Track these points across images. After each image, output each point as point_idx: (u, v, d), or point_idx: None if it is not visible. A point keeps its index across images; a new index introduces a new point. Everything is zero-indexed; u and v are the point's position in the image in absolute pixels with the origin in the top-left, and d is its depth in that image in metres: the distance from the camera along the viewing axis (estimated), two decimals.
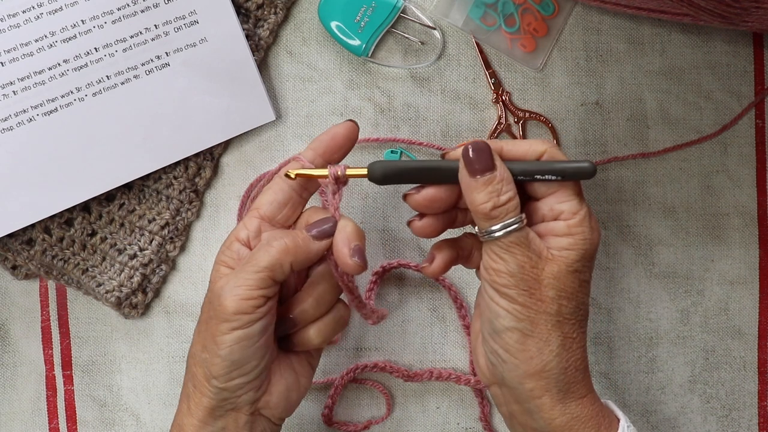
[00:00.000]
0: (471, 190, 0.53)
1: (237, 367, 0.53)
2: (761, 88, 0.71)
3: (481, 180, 0.53)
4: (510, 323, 0.53)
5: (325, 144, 0.57)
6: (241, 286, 0.52)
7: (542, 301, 0.53)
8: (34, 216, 0.66)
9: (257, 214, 0.56)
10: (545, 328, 0.53)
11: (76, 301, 0.70)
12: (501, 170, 0.53)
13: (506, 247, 0.53)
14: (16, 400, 0.70)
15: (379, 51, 0.69)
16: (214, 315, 0.53)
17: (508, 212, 0.53)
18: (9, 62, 0.64)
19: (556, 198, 0.55)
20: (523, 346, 0.53)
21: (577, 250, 0.54)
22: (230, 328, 0.52)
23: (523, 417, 0.55)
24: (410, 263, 0.69)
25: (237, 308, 0.52)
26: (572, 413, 0.54)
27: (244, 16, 0.68)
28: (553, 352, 0.53)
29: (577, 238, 0.54)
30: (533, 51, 0.70)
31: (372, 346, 0.71)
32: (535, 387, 0.53)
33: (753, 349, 0.72)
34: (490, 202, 0.52)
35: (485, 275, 0.54)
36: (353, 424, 0.70)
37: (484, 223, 0.53)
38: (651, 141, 0.71)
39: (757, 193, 0.72)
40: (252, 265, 0.53)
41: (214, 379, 0.53)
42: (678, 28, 0.71)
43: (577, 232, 0.54)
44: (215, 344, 0.53)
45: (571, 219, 0.54)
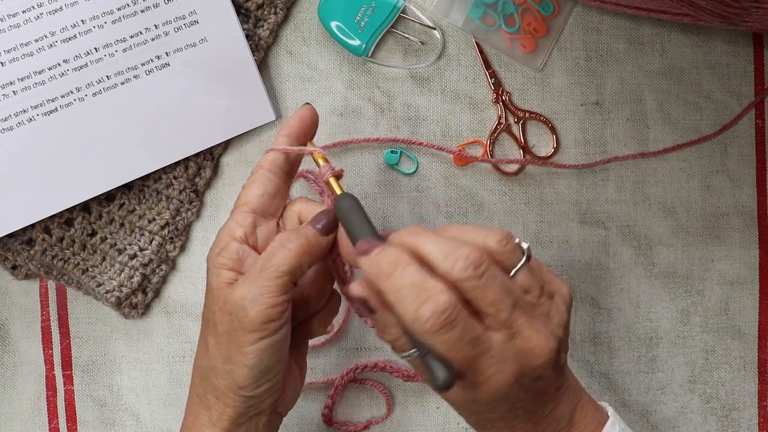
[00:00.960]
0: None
1: (264, 375, 0.53)
2: (761, 88, 0.71)
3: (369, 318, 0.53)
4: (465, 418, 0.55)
5: (297, 128, 0.57)
6: (265, 294, 0.51)
7: (479, 413, 0.53)
8: (34, 216, 0.66)
9: (248, 209, 0.55)
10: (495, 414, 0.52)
11: (76, 301, 0.70)
12: (380, 315, 0.51)
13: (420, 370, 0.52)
14: (16, 400, 0.70)
15: (379, 51, 0.69)
16: (239, 326, 0.52)
17: (401, 349, 0.51)
18: (9, 62, 0.64)
19: None
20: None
21: (504, 373, 0.49)
22: (258, 338, 0.51)
23: None
24: None
25: (265, 317, 0.51)
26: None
27: (244, 16, 0.68)
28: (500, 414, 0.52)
29: (498, 366, 0.49)
30: (533, 51, 0.70)
31: (372, 346, 0.70)
32: None
33: (753, 349, 0.72)
34: (385, 336, 0.52)
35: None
36: (353, 424, 0.70)
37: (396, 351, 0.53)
38: (651, 141, 0.71)
39: (757, 193, 0.72)
40: (271, 270, 0.52)
41: (240, 390, 0.53)
42: (678, 28, 0.71)
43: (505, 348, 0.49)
44: (242, 355, 0.52)
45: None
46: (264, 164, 0.57)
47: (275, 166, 0.56)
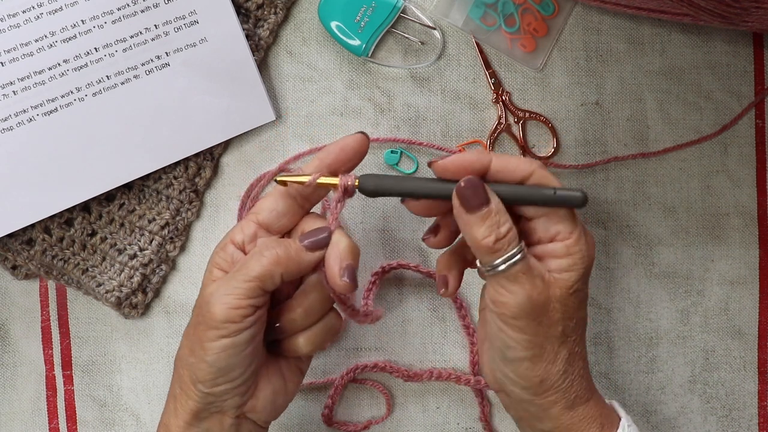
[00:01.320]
0: (470, 226, 0.52)
1: (223, 374, 0.53)
2: (761, 88, 0.71)
3: (478, 215, 0.52)
4: (520, 353, 0.54)
5: (334, 155, 0.55)
6: (231, 294, 0.52)
7: (549, 326, 0.53)
8: (34, 216, 0.66)
9: (255, 219, 0.56)
10: (552, 350, 0.54)
11: (76, 301, 0.70)
12: (495, 202, 0.52)
13: (512, 279, 0.52)
14: (16, 400, 0.70)
15: (379, 51, 0.69)
16: (202, 321, 0.52)
17: (509, 243, 0.52)
18: (9, 62, 0.64)
19: (549, 219, 0.53)
20: (533, 372, 0.54)
21: (576, 270, 0.53)
22: (218, 335, 0.52)
23: (531, 421, 0.56)
24: (410, 264, 0.69)
25: (225, 317, 0.52)
26: (579, 416, 0.55)
27: (244, 16, 0.68)
28: (560, 371, 0.54)
29: (575, 258, 0.53)
30: (533, 51, 0.70)
31: (372, 346, 0.71)
32: (545, 402, 0.55)
33: (753, 349, 0.72)
34: (491, 236, 0.52)
35: (492, 308, 0.54)
36: (353, 424, 0.70)
37: (488, 257, 0.52)
38: (651, 141, 0.71)
39: (757, 193, 0.72)
40: (243, 273, 0.52)
41: (200, 384, 0.53)
42: (678, 28, 0.71)
43: (576, 252, 0.53)
44: (202, 350, 0.52)
45: (568, 239, 0.53)
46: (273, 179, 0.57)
47: (295, 189, 0.55)
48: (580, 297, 0.54)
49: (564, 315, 0.53)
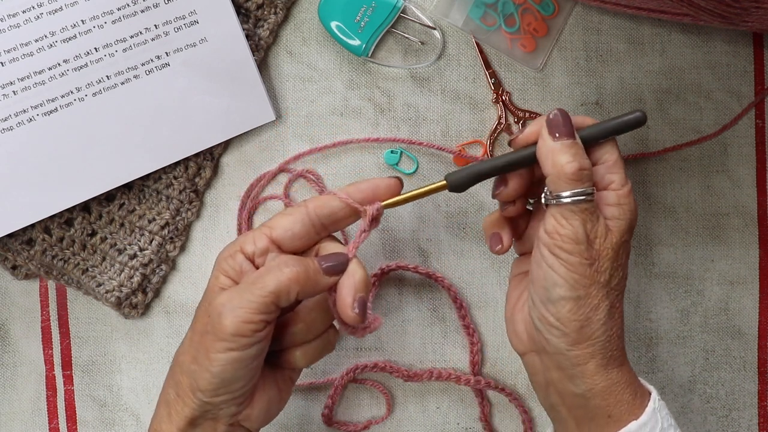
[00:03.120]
0: (555, 153, 0.53)
1: (225, 385, 0.52)
2: (761, 88, 0.71)
3: (566, 143, 0.53)
4: (566, 292, 0.53)
5: (364, 194, 0.56)
6: (244, 307, 0.51)
7: (598, 271, 0.54)
8: (34, 216, 0.66)
9: (269, 233, 0.55)
10: (596, 297, 0.54)
11: (76, 301, 0.70)
12: (579, 141, 0.54)
13: (577, 212, 0.53)
14: (16, 400, 0.70)
15: (379, 51, 0.69)
16: (211, 330, 0.52)
17: (589, 177, 0.53)
18: (9, 62, 0.64)
19: (606, 168, 0.55)
20: (575, 315, 0.54)
21: (626, 219, 0.55)
22: (226, 348, 0.51)
23: (562, 384, 0.55)
24: (408, 265, 0.69)
25: (236, 330, 0.51)
26: (613, 379, 0.54)
27: (244, 16, 0.68)
28: (601, 320, 0.54)
29: (625, 209, 0.55)
30: (533, 51, 0.70)
31: (372, 346, 0.71)
32: (582, 354, 0.54)
33: (753, 349, 0.72)
34: (575, 162, 0.53)
35: (547, 240, 0.54)
36: (353, 424, 0.70)
37: (566, 185, 0.53)
38: (651, 141, 0.71)
39: (757, 193, 0.72)
40: (258, 288, 0.51)
41: (199, 392, 0.53)
42: (678, 28, 0.71)
43: (626, 203, 0.55)
44: (208, 360, 0.52)
45: (620, 189, 0.55)
46: (310, 205, 0.55)
47: (316, 214, 0.55)
48: (626, 249, 0.55)
49: (612, 264, 0.54)
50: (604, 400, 0.54)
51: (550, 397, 0.57)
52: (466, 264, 0.70)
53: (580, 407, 0.55)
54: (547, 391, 0.57)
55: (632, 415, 0.54)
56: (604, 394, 0.54)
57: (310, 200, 0.56)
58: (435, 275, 0.69)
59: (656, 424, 0.54)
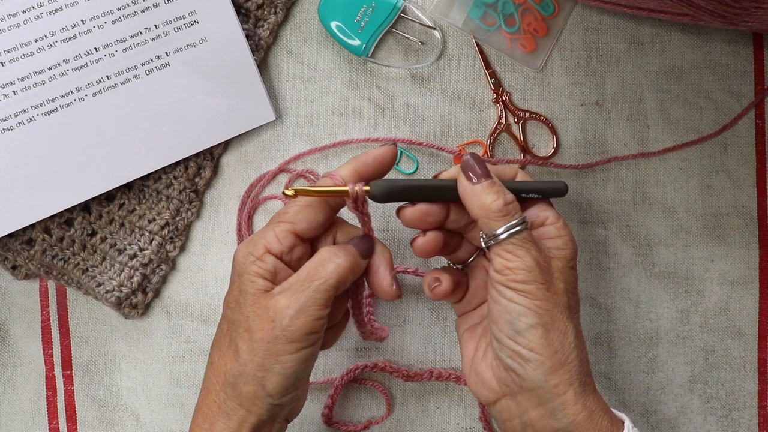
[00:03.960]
0: (478, 195, 0.55)
1: (295, 384, 0.54)
2: (761, 88, 0.71)
3: (485, 184, 0.55)
4: (532, 320, 0.53)
5: (367, 164, 0.57)
6: (312, 306, 0.52)
7: (557, 293, 0.54)
8: (34, 216, 0.66)
9: (292, 229, 0.55)
10: (562, 320, 0.54)
11: (76, 301, 0.70)
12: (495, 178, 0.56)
13: (520, 244, 0.54)
14: (16, 400, 0.70)
15: (379, 51, 0.69)
16: (281, 335, 0.52)
17: (516, 210, 0.55)
18: (9, 62, 0.64)
19: (537, 208, 0.58)
20: (547, 341, 0.54)
21: (568, 248, 0.57)
22: (298, 348, 0.53)
23: (542, 422, 0.54)
24: (408, 269, 0.69)
25: (309, 329, 0.52)
26: (591, 407, 0.54)
27: (244, 16, 0.68)
28: (572, 343, 0.54)
29: (565, 239, 0.57)
30: (533, 51, 0.70)
31: (372, 346, 0.71)
32: (560, 382, 0.54)
33: (753, 349, 0.72)
34: (500, 200, 0.54)
35: (500, 278, 0.54)
36: (353, 424, 0.70)
37: (497, 222, 0.54)
38: (651, 141, 0.71)
39: (757, 193, 0.72)
40: (320, 282, 0.53)
41: (269, 397, 0.53)
42: (678, 28, 0.71)
43: (564, 234, 0.57)
44: (279, 363, 0.52)
45: (557, 223, 0.57)
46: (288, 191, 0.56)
47: (334, 199, 0.56)
48: (574, 275, 0.57)
49: (566, 287, 0.55)
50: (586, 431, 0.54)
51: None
52: None
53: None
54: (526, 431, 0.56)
55: None
56: (585, 424, 0.54)
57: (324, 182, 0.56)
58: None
59: None
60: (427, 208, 0.57)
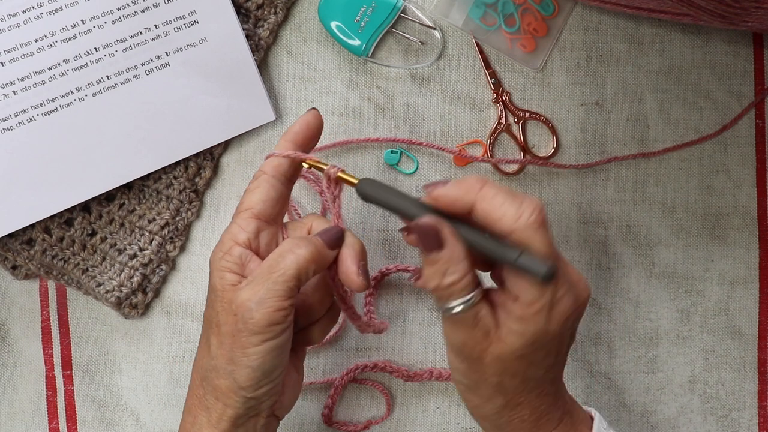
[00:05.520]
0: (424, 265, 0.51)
1: (266, 376, 0.53)
2: (761, 88, 0.71)
3: (428, 258, 0.50)
4: (456, 376, 0.54)
5: (301, 134, 0.58)
6: (272, 297, 0.52)
7: (484, 373, 0.52)
8: (34, 216, 0.66)
9: (251, 214, 0.56)
10: (486, 393, 0.53)
11: (76, 301, 0.70)
12: (448, 250, 0.50)
13: (452, 323, 0.51)
14: (16, 400, 0.70)
15: (379, 51, 0.69)
16: (243, 328, 0.52)
17: (451, 294, 0.50)
18: (9, 62, 0.64)
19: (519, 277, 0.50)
20: (468, 395, 0.54)
21: (526, 338, 0.50)
22: (262, 339, 0.52)
23: None
24: (409, 267, 0.69)
25: (270, 320, 0.52)
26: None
27: (244, 16, 0.68)
28: (496, 408, 0.53)
29: (528, 327, 0.49)
30: (533, 51, 0.70)
31: (372, 346, 0.70)
32: (487, 426, 0.55)
33: (753, 349, 0.72)
34: (433, 281, 0.50)
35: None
36: (353, 424, 0.70)
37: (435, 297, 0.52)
38: (651, 141, 0.71)
39: (757, 193, 0.72)
40: (280, 274, 0.52)
41: (242, 390, 0.53)
42: (678, 28, 0.71)
43: (531, 322, 0.49)
44: (245, 356, 0.52)
45: (527, 308, 0.49)
46: (267, 169, 0.57)
47: (278, 172, 0.57)
48: (527, 362, 0.51)
49: (502, 372, 0.51)
50: None
51: None
52: None
53: None
54: None
55: None
56: None
57: (265, 166, 0.57)
58: None
59: None
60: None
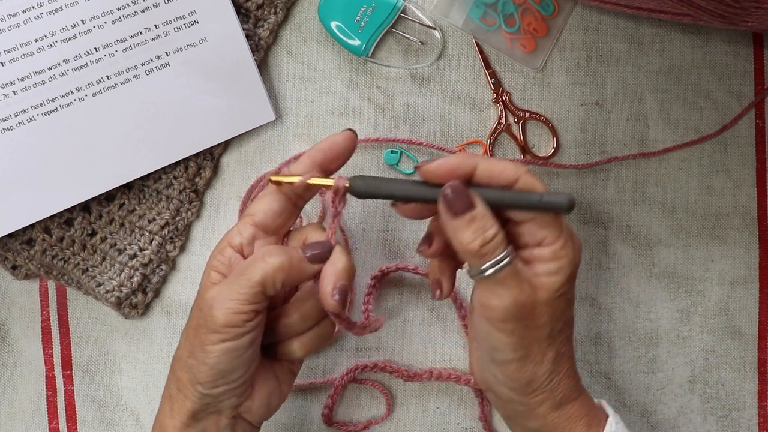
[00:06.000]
0: (456, 231, 0.52)
1: (223, 376, 0.53)
2: (761, 88, 0.71)
3: (463, 219, 0.52)
4: (508, 356, 0.54)
5: (324, 153, 0.55)
6: (234, 299, 0.52)
7: (536, 328, 0.53)
8: (34, 216, 0.66)
9: (251, 221, 0.56)
10: (539, 352, 0.54)
11: (76, 301, 0.70)
12: (480, 207, 0.52)
13: (499, 283, 0.52)
14: (16, 400, 0.70)
15: (379, 51, 0.69)
16: (203, 324, 0.53)
17: (496, 247, 0.52)
18: (9, 62, 0.64)
19: (536, 224, 0.53)
20: (520, 373, 0.54)
21: (562, 274, 0.53)
22: (219, 339, 0.52)
23: (519, 419, 0.57)
24: (408, 266, 0.69)
25: (227, 321, 0.52)
26: (565, 415, 0.56)
27: (244, 16, 0.68)
28: (547, 371, 0.55)
29: (562, 262, 0.53)
30: (533, 51, 0.70)
31: (372, 346, 0.71)
32: (532, 402, 0.56)
33: (753, 349, 0.72)
34: (477, 240, 0.51)
35: (480, 311, 0.54)
36: (353, 424, 0.70)
37: (475, 261, 0.52)
38: (651, 141, 0.71)
39: (757, 193, 0.72)
40: (245, 278, 0.52)
41: (199, 385, 0.53)
42: (678, 28, 0.71)
43: (562, 256, 0.53)
44: (203, 352, 0.53)
45: (554, 245, 0.53)
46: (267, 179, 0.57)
47: (287, 186, 0.56)
48: (566, 300, 0.54)
49: (551, 318, 0.54)
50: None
51: (512, 428, 0.59)
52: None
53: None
54: (508, 422, 0.59)
55: None
56: (557, 427, 0.56)
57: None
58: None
59: None
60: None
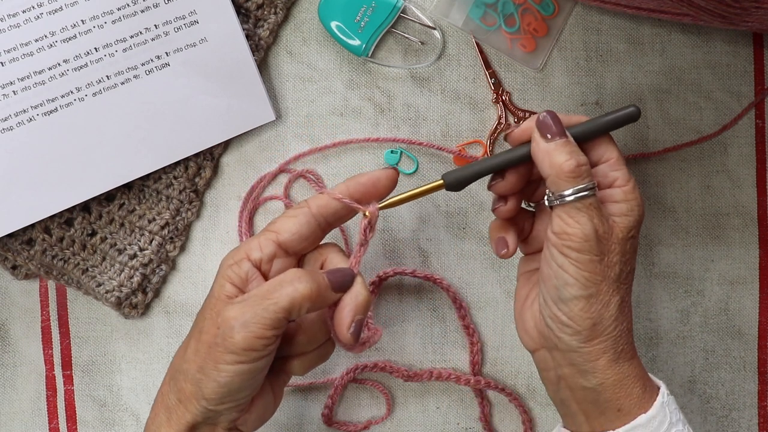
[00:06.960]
0: (550, 154, 0.54)
1: (231, 395, 0.52)
2: (761, 88, 0.71)
3: (559, 142, 0.54)
4: (578, 291, 0.54)
5: (365, 187, 0.56)
6: (257, 323, 0.51)
7: (609, 266, 0.54)
8: (34, 216, 0.66)
9: (275, 239, 0.55)
10: (607, 292, 0.54)
11: (76, 301, 0.70)
12: (569, 137, 0.55)
13: (584, 210, 0.53)
14: (16, 400, 0.70)
15: (379, 51, 0.69)
16: (221, 343, 0.51)
17: (587, 174, 0.54)
18: (9, 62, 0.64)
19: (609, 166, 0.56)
20: (587, 313, 0.54)
21: (633, 215, 0.55)
22: (236, 360, 0.51)
23: (573, 379, 0.56)
24: (406, 270, 0.69)
25: (248, 345, 0.51)
26: (623, 372, 0.55)
27: (244, 16, 0.68)
28: (612, 316, 0.54)
29: (632, 204, 0.55)
30: (533, 51, 0.70)
31: (372, 346, 0.70)
32: (594, 350, 0.54)
33: (753, 349, 0.72)
34: (572, 160, 0.53)
35: (555, 240, 0.54)
36: (353, 424, 0.70)
37: (566, 183, 0.53)
38: (651, 141, 0.71)
39: (757, 193, 0.72)
40: (272, 303, 0.51)
41: (204, 400, 0.52)
42: (678, 28, 0.71)
43: (632, 198, 0.55)
44: (216, 370, 0.52)
45: (626, 185, 0.55)
46: (313, 205, 0.55)
47: (321, 214, 0.55)
48: (634, 244, 0.55)
49: (621, 258, 0.54)
50: (615, 394, 0.54)
51: (560, 392, 0.57)
52: (466, 264, 0.70)
53: (590, 401, 0.55)
54: (557, 386, 0.57)
55: (641, 409, 0.54)
56: (614, 387, 0.54)
57: (312, 200, 0.56)
58: (433, 277, 0.69)
59: (665, 418, 0.54)
60: (515, 177, 0.57)
